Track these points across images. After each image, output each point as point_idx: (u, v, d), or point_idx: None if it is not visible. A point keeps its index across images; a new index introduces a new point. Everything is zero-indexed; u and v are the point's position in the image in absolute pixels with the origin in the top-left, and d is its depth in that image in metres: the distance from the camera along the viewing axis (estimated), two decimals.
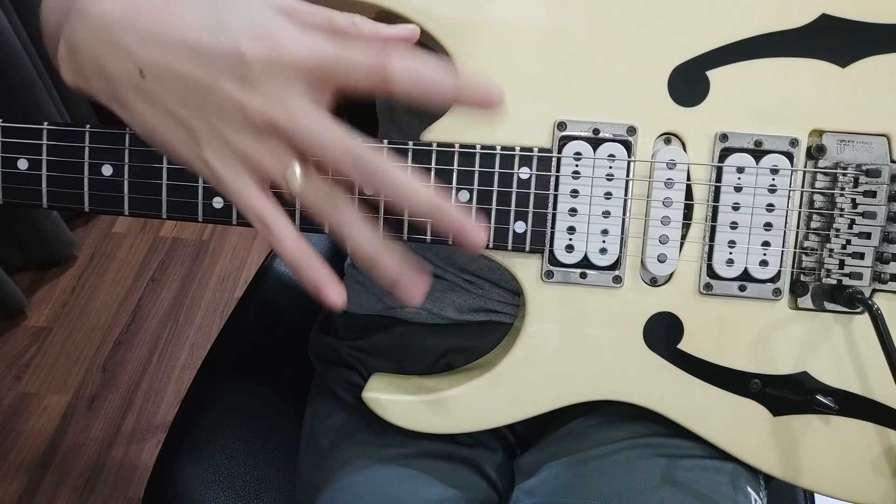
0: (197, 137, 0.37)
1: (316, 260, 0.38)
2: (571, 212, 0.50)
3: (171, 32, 0.37)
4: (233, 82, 0.36)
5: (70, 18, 0.40)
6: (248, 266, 1.67)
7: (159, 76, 0.37)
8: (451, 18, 0.49)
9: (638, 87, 0.49)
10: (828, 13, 0.48)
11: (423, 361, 0.62)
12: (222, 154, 0.37)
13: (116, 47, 0.38)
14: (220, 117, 0.37)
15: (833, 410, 0.51)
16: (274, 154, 0.37)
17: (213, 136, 0.37)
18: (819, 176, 0.50)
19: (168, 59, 0.37)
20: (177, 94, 0.37)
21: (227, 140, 0.37)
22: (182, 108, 0.37)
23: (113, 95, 0.39)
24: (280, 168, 0.37)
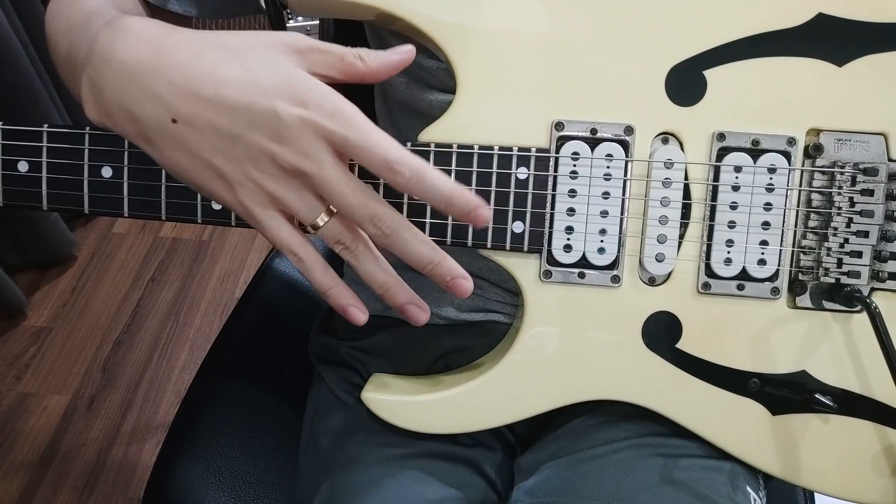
0: (231, 182, 0.41)
1: (342, 286, 0.44)
2: (569, 212, 0.50)
3: (204, 84, 0.40)
4: (266, 136, 0.39)
5: (92, 61, 0.42)
6: (248, 266, 1.67)
7: (192, 124, 0.40)
8: (449, 20, 0.49)
9: (635, 86, 0.49)
10: (825, 12, 0.48)
11: (422, 361, 0.62)
12: (258, 197, 0.41)
13: (147, 94, 0.40)
14: (253, 165, 0.40)
15: (832, 409, 0.51)
16: (304, 200, 0.41)
17: (248, 181, 0.41)
18: (816, 175, 0.50)
19: (202, 110, 0.40)
20: (209, 142, 0.40)
21: (261, 185, 0.41)
22: (215, 155, 0.40)
23: (142, 136, 0.42)
24: (310, 215, 0.42)
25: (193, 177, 0.42)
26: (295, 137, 0.39)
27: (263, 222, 0.42)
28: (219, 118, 0.40)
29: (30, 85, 1.40)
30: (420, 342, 0.63)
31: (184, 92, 0.40)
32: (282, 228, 0.42)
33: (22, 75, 1.38)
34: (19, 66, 1.37)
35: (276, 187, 0.41)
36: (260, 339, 0.80)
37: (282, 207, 0.42)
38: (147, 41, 0.42)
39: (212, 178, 0.42)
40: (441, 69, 0.56)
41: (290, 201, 0.41)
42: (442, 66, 0.55)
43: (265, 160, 0.40)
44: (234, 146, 0.40)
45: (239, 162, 0.40)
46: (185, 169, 0.42)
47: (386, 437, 0.58)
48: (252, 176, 0.41)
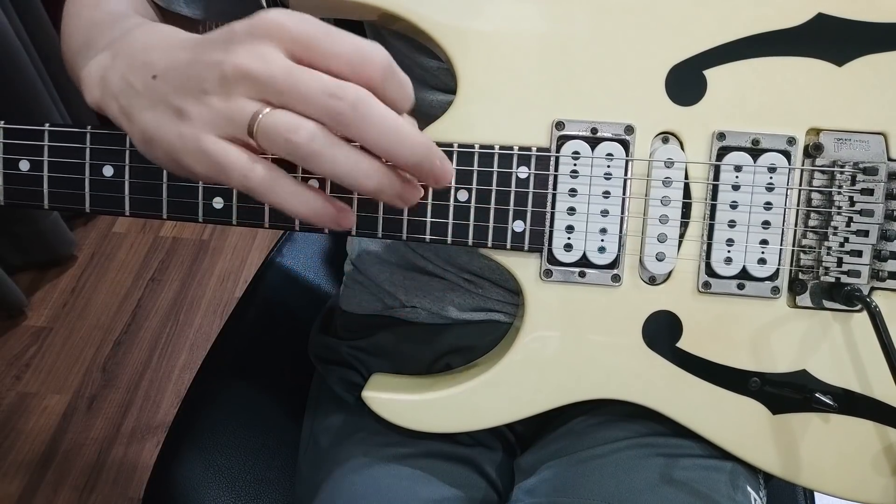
0: (181, 115, 0.38)
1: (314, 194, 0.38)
2: (570, 211, 0.50)
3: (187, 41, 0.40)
4: (217, 48, 0.37)
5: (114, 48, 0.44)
6: (248, 266, 1.67)
7: (164, 72, 0.39)
8: (450, 20, 0.49)
9: (636, 86, 0.49)
10: (824, 12, 0.48)
11: (422, 361, 0.63)
12: (201, 124, 0.37)
13: (144, 63, 0.40)
14: (200, 86, 0.37)
15: (832, 408, 0.51)
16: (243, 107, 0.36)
17: (194, 107, 0.37)
18: (816, 174, 0.50)
19: (174, 54, 0.40)
20: (173, 82, 0.39)
21: (206, 105, 0.37)
22: (172, 93, 0.38)
23: (122, 109, 0.42)
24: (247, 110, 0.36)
25: (154, 130, 0.39)
26: (243, 43, 0.36)
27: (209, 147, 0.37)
28: (184, 54, 0.39)
29: (30, 84, 1.40)
30: (420, 342, 0.63)
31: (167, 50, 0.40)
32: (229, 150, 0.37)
33: (22, 75, 1.38)
34: (19, 65, 1.37)
35: (219, 103, 0.37)
36: (260, 339, 0.80)
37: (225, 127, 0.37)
38: (169, 31, 0.43)
39: (166, 120, 0.39)
40: (442, 69, 0.56)
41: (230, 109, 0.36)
42: (442, 65, 0.55)
43: (210, 77, 0.37)
44: (190, 75, 0.38)
45: (191, 90, 0.38)
46: (147, 125, 0.40)
47: (386, 437, 0.58)
48: (200, 99, 0.37)
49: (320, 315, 0.75)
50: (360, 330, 0.67)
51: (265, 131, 0.36)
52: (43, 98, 1.44)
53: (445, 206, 0.49)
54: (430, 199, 0.49)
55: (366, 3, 0.49)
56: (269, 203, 0.38)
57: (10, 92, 1.37)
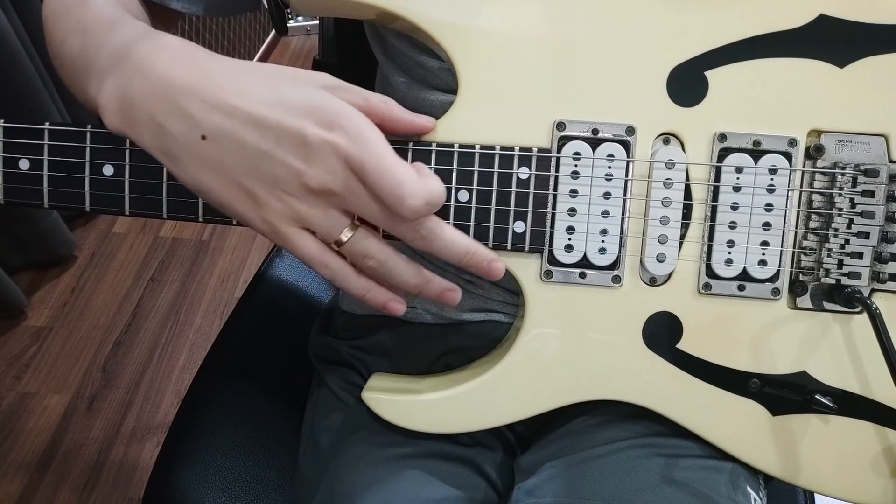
0: (258, 200, 0.41)
1: (376, 286, 0.46)
2: (570, 212, 0.50)
3: (235, 103, 0.41)
4: (293, 155, 0.40)
5: (125, 70, 0.43)
6: (248, 266, 1.68)
7: (220, 141, 0.41)
8: (451, 20, 0.49)
9: (637, 87, 0.49)
10: (826, 14, 0.48)
11: (422, 361, 0.63)
12: (284, 216, 0.42)
13: (179, 111, 0.41)
14: (278, 183, 0.41)
15: (832, 410, 0.51)
16: (329, 217, 0.42)
17: (274, 200, 0.41)
18: (817, 176, 0.50)
19: (231, 127, 0.41)
20: (236, 160, 0.41)
21: (287, 203, 0.41)
22: (241, 174, 0.41)
23: (164, 150, 0.43)
24: (334, 231, 0.42)
25: (219, 195, 0.43)
26: (320, 157, 0.40)
27: (290, 238, 0.43)
28: (247, 135, 0.41)
29: (30, 84, 1.40)
30: (420, 342, 0.63)
31: (215, 109, 0.41)
32: (308, 244, 0.43)
33: (22, 74, 1.38)
34: (19, 65, 1.37)
35: (301, 206, 0.41)
36: (260, 339, 0.80)
37: (306, 225, 0.42)
38: (186, 61, 0.43)
39: (237, 196, 0.42)
40: (442, 69, 0.56)
41: (315, 218, 0.42)
42: (443, 65, 0.55)
43: (291, 179, 0.41)
44: (261, 164, 0.41)
45: (264, 180, 0.41)
46: (211, 188, 0.43)
47: (386, 437, 0.58)
48: (277, 194, 0.41)
49: (320, 315, 0.75)
50: (360, 330, 0.67)
51: (350, 252, 0.43)
52: (43, 98, 1.44)
53: (446, 207, 0.49)
54: None
55: (367, 2, 0.49)
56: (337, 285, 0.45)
57: (10, 92, 1.37)
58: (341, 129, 0.41)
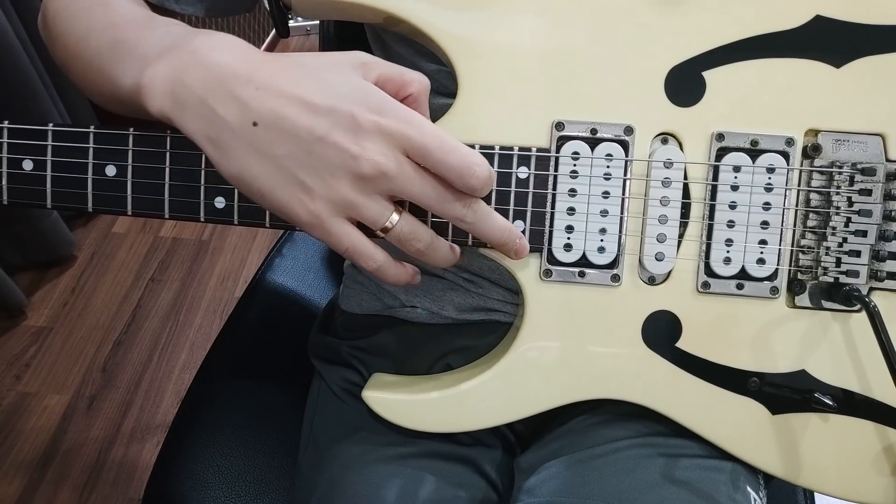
0: (306, 189, 0.42)
1: (415, 272, 0.47)
2: (569, 211, 0.50)
3: (287, 89, 0.41)
4: (346, 139, 0.40)
5: (180, 58, 0.43)
6: (248, 266, 1.67)
7: (273, 127, 0.41)
8: (451, 21, 0.49)
9: (635, 87, 0.50)
10: (822, 14, 0.49)
11: (422, 361, 0.63)
12: (332, 205, 0.42)
13: (235, 98, 0.41)
14: (329, 169, 0.41)
15: (831, 409, 0.51)
16: (377, 203, 0.42)
17: (324, 188, 0.41)
18: (815, 174, 0.50)
19: (285, 111, 0.41)
20: (287, 147, 0.41)
21: (338, 191, 0.41)
22: (292, 160, 0.41)
23: (211, 136, 0.42)
24: (381, 217, 0.42)
25: (264, 183, 0.42)
26: (374, 141, 0.40)
27: (336, 230, 0.42)
28: (301, 119, 0.41)
29: (30, 84, 1.40)
30: (420, 342, 0.63)
31: (269, 96, 0.41)
32: (352, 235, 0.43)
33: (22, 75, 1.38)
34: (19, 65, 1.37)
35: (351, 192, 0.41)
36: (260, 338, 0.80)
37: (351, 214, 0.42)
38: (240, 52, 0.43)
39: (284, 184, 0.42)
40: (443, 72, 0.56)
41: (363, 204, 0.42)
42: (444, 69, 0.55)
43: (342, 165, 0.41)
44: (313, 151, 0.41)
45: (315, 167, 0.41)
46: (257, 175, 0.42)
47: (386, 437, 0.58)
48: (328, 181, 0.41)
49: (320, 315, 0.75)
50: (360, 330, 0.67)
51: (398, 237, 0.43)
52: (43, 98, 1.44)
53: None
54: None
55: (368, 5, 0.49)
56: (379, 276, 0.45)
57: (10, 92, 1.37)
58: (393, 114, 0.41)
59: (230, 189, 0.49)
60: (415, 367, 0.62)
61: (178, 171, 0.49)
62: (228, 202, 0.49)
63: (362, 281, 0.68)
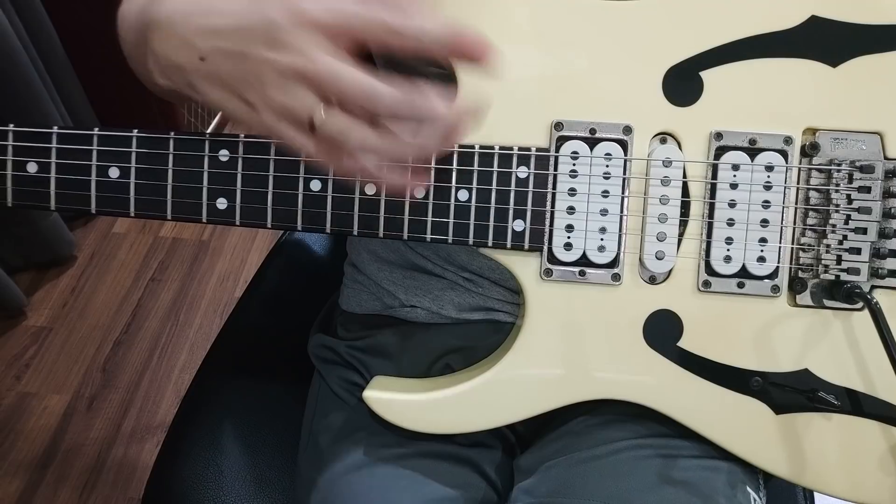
0: (251, 102, 0.43)
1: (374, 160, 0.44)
2: (569, 210, 0.50)
3: (219, 20, 0.44)
4: (266, 46, 0.42)
5: (149, 31, 0.46)
6: (248, 266, 1.67)
7: (214, 57, 0.44)
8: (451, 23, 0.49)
9: (633, 87, 0.50)
10: (817, 15, 0.49)
11: (422, 360, 0.63)
12: (273, 113, 0.43)
13: (182, 41, 0.45)
14: (261, 81, 0.43)
15: (835, 408, 0.51)
16: (303, 100, 0.42)
17: (262, 99, 0.43)
18: (814, 173, 0.50)
19: (217, 41, 0.44)
20: (229, 70, 0.44)
21: (270, 98, 0.43)
22: (236, 82, 0.44)
23: (187, 83, 0.46)
24: (308, 110, 0.42)
25: (227, 107, 0.45)
26: (289, 38, 0.42)
27: (284, 134, 0.43)
28: (226, 42, 0.43)
29: (30, 84, 1.40)
30: (420, 341, 0.63)
31: (204, 30, 0.44)
32: (297, 134, 0.43)
33: (22, 75, 1.38)
34: (19, 65, 1.37)
35: (280, 95, 0.42)
36: (260, 338, 0.80)
37: (289, 114, 0.43)
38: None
39: (238, 105, 0.44)
40: (442, 75, 0.56)
41: (292, 102, 0.42)
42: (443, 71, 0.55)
43: (269, 72, 0.42)
44: (243, 66, 0.43)
45: (252, 84, 0.43)
46: (221, 102, 0.45)
47: (386, 437, 0.58)
48: (262, 92, 0.43)
49: (320, 315, 0.75)
50: (360, 329, 0.67)
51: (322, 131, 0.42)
52: (43, 98, 1.43)
53: (446, 206, 0.49)
54: (431, 199, 0.49)
55: None
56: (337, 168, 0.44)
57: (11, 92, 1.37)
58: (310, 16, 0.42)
59: (232, 190, 0.49)
60: (415, 367, 0.62)
61: (181, 172, 0.49)
62: (230, 203, 0.49)
63: (362, 280, 0.68)
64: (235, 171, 0.50)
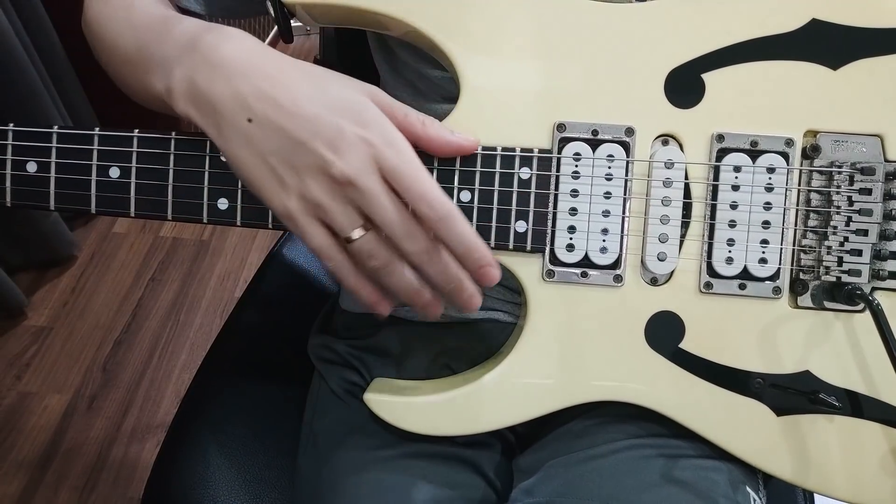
0: (283, 184, 0.44)
1: (370, 286, 0.47)
2: (572, 211, 0.50)
3: (283, 94, 0.44)
4: (325, 146, 0.43)
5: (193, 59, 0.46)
6: (248, 266, 1.67)
7: (263, 126, 0.44)
8: (452, 24, 0.49)
9: (635, 89, 0.50)
10: (818, 18, 0.49)
11: (422, 360, 0.63)
12: (304, 203, 0.44)
13: (233, 93, 0.44)
14: (307, 172, 0.43)
15: (837, 410, 0.51)
16: (346, 213, 0.44)
17: (298, 186, 0.44)
18: (815, 175, 0.50)
19: (275, 114, 0.44)
20: (273, 145, 0.44)
21: (310, 191, 0.44)
22: (276, 157, 0.44)
23: (217, 127, 0.45)
24: (349, 226, 0.44)
25: (250, 172, 0.45)
26: (351, 152, 0.43)
27: (305, 226, 0.45)
28: (288, 123, 0.43)
29: (30, 84, 1.40)
30: (420, 341, 0.63)
31: (264, 96, 0.44)
32: (320, 235, 0.45)
33: (22, 75, 1.38)
34: (19, 66, 1.37)
35: (323, 196, 0.43)
36: (260, 339, 0.80)
37: (322, 216, 0.44)
38: (247, 49, 0.46)
39: (266, 177, 0.44)
40: (445, 79, 0.56)
41: (333, 210, 0.44)
42: (446, 75, 0.55)
43: (318, 169, 0.43)
44: (295, 152, 0.43)
45: (294, 167, 0.44)
46: (245, 165, 0.45)
47: (385, 438, 0.58)
48: (303, 181, 0.44)
49: (320, 315, 0.75)
50: (360, 329, 0.67)
51: (358, 250, 0.45)
52: (43, 98, 1.43)
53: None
54: None
55: (368, 8, 0.49)
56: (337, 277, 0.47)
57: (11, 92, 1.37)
58: (377, 131, 0.44)
59: (233, 190, 0.49)
60: (415, 366, 0.62)
61: (182, 172, 0.49)
62: (231, 203, 0.49)
63: None
64: None
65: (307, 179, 0.43)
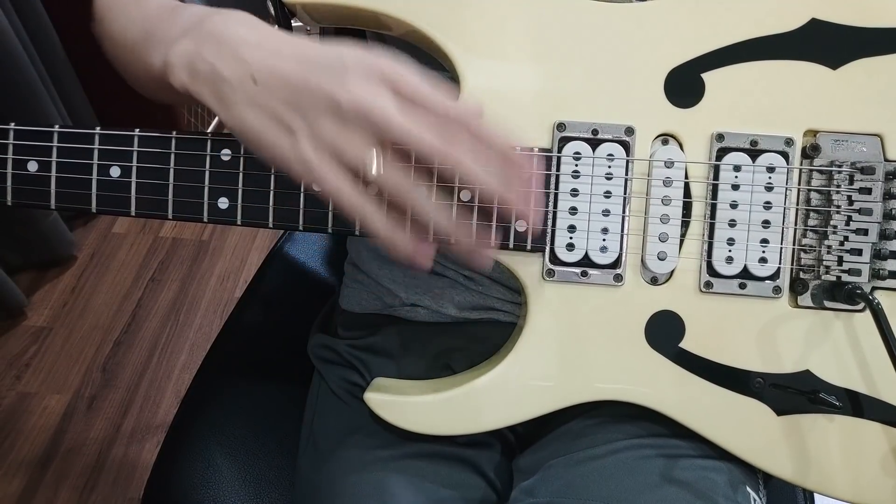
0: (294, 131, 0.42)
1: (402, 231, 0.44)
2: (572, 210, 0.50)
3: (285, 48, 0.44)
4: (330, 78, 0.41)
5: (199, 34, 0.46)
6: (248, 266, 1.67)
7: (267, 79, 0.43)
8: (451, 23, 0.49)
9: (635, 89, 0.50)
10: (817, 18, 0.49)
11: (422, 360, 0.63)
12: (317, 143, 0.42)
13: (237, 57, 0.44)
14: (314, 109, 0.42)
15: (837, 409, 0.51)
16: (357, 142, 0.41)
17: (309, 128, 0.42)
18: (815, 174, 0.50)
19: (278, 63, 0.43)
20: (280, 94, 0.43)
21: (322, 130, 0.42)
22: (282, 106, 0.43)
23: (217, 94, 0.45)
24: (361, 155, 0.41)
25: (257, 130, 0.43)
26: (357, 79, 0.41)
27: (320, 171, 0.42)
28: (291, 67, 0.43)
29: (30, 84, 1.40)
30: (420, 341, 0.63)
31: (266, 52, 0.44)
32: (338, 178, 0.42)
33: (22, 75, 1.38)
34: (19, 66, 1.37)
35: (336, 133, 0.41)
36: (260, 339, 0.80)
37: (339, 155, 0.42)
38: (253, 24, 0.46)
39: (274, 130, 0.43)
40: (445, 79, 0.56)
41: (348, 144, 0.41)
42: (447, 76, 0.55)
43: (326, 106, 0.41)
44: (300, 94, 0.42)
45: (302, 110, 0.42)
46: (252, 125, 0.44)
47: (385, 438, 0.58)
48: (314, 122, 0.42)
49: (320, 314, 0.75)
50: (360, 329, 0.67)
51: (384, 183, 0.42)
52: (43, 98, 1.44)
53: (448, 206, 0.49)
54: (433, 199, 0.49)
55: (370, 8, 0.49)
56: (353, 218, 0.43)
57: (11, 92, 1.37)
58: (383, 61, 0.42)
59: (234, 190, 0.49)
60: (415, 366, 0.62)
61: (183, 171, 0.49)
62: (232, 203, 0.49)
63: (362, 280, 0.68)
64: (237, 171, 0.50)
65: (317, 119, 0.42)
